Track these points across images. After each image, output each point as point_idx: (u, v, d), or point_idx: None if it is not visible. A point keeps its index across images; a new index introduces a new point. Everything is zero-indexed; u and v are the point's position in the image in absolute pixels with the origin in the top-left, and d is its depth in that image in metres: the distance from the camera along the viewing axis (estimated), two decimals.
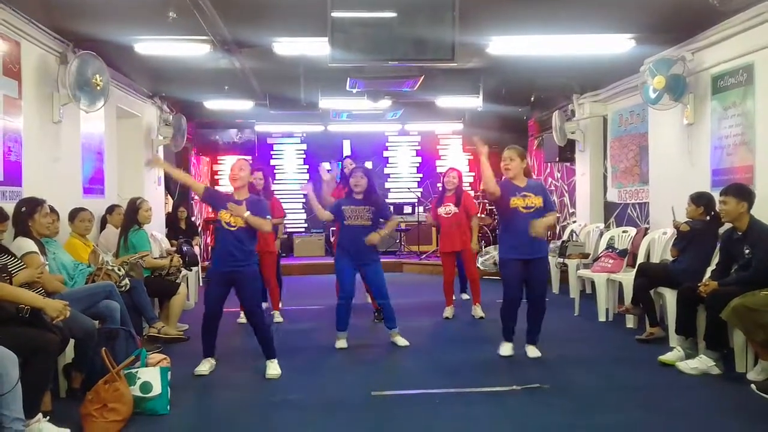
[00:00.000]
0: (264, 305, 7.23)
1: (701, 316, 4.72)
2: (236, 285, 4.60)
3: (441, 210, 6.77)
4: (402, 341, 5.55)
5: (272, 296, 6.85)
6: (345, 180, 6.22)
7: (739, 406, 3.87)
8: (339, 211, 5.48)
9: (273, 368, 4.67)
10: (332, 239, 8.85)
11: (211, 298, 4.64)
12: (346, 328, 5.56)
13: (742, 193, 4.68)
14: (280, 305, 7.02)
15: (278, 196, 8.26)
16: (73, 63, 5.56)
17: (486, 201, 7.17)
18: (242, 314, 5.92)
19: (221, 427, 3.71)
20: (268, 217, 4.66)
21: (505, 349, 5.09)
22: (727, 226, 4.91)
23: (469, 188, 12.47)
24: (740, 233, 4.66)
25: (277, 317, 6.81)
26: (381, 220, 5.51)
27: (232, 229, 4.53)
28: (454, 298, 7.00)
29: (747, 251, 4.57)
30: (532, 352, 5.05)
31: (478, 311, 6.77)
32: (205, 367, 4.72)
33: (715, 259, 5.02)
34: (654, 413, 3.77)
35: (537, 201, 4.91)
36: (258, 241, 4.84)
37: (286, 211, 8.17)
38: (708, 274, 4.99)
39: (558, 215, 10.41)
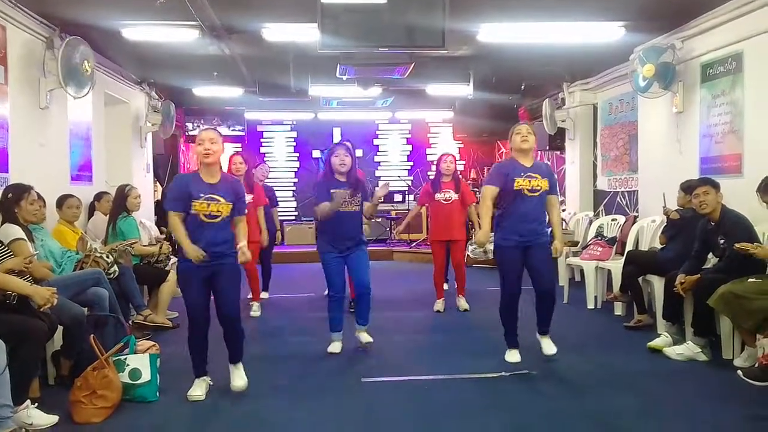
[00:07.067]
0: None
1: (689, 302, 4.75)
2: (215, 279, 3.84)
3: (439, 196, 6.40)
4: (366, 338, 4.97)
5: (253, 287, 6.55)
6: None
7: (726, 393, 3.90)
8: (328, 196, 4.68)
9: (240, 376, 3.97)
10: None
11: (194, 303, 3.81)
12: (341, 328, 4.94)
13: (716, 184, 4.74)
14: (265, 296, 7.01)
15: (271, 185, 8.27)
16: (61, 49, 5.49)
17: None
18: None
19: (211, 413, 3.70)
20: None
21: (512, 355, 4.58)
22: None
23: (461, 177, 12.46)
24: (713, 223, 4.70)
25: (255, 310, 6.43)
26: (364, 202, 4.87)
27: (215, 221, 3.81)
28: (446, 287, 6.84)
29: (722, 241, 4.61)
30: (547, 346, 4.57)
31: (462, 303, 6.48)
32: (200, 390, 3.86)
33: None
34: (641, 399, 3.79)
35: (543, 183, 4.49)
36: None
37: (277, 199, 8.05)
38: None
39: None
